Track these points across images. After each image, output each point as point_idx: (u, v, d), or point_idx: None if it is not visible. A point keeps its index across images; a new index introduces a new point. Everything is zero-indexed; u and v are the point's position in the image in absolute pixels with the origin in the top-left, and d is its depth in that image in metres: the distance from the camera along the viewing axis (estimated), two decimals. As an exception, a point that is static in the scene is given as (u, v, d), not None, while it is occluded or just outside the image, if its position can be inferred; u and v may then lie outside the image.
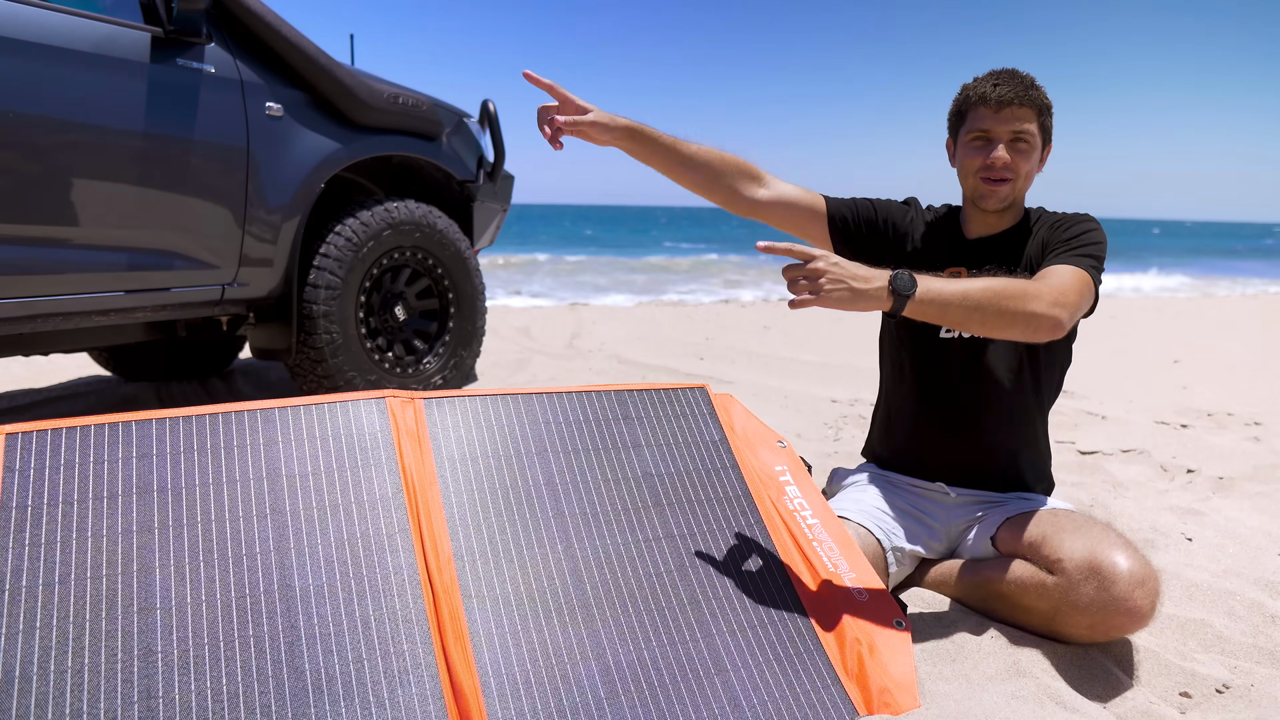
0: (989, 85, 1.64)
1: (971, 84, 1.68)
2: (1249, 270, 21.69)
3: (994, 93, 1.62)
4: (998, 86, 1.63)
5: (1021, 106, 1.62)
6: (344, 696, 1.13)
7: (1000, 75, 1.66)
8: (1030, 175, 1.67)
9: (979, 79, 1.68)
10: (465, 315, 3.47)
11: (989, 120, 1.63)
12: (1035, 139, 1.64)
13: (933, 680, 1.40)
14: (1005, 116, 1.62)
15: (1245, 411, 3.69)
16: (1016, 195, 1.67)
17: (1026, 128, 1.62)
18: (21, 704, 1.03)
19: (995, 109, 1.62)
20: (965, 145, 1.69)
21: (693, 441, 1.65)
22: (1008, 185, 1.65)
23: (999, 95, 1.61)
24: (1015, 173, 1.63)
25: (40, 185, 2.22)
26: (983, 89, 1.64)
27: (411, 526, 1.33)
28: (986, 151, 1.64)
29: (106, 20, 2.35)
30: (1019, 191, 1.67)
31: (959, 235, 1.78)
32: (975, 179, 1.67)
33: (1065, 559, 1.45)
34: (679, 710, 1.23)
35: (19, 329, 2.31)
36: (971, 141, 1.67)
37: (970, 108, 1.67)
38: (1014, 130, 1.62)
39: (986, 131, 1.64)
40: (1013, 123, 1.62)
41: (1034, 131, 1.63)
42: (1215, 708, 1.37)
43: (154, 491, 1.25)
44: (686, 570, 1.43)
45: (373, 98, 3.01)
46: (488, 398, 1.56)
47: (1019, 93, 1.61)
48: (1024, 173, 1.64)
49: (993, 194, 1.66)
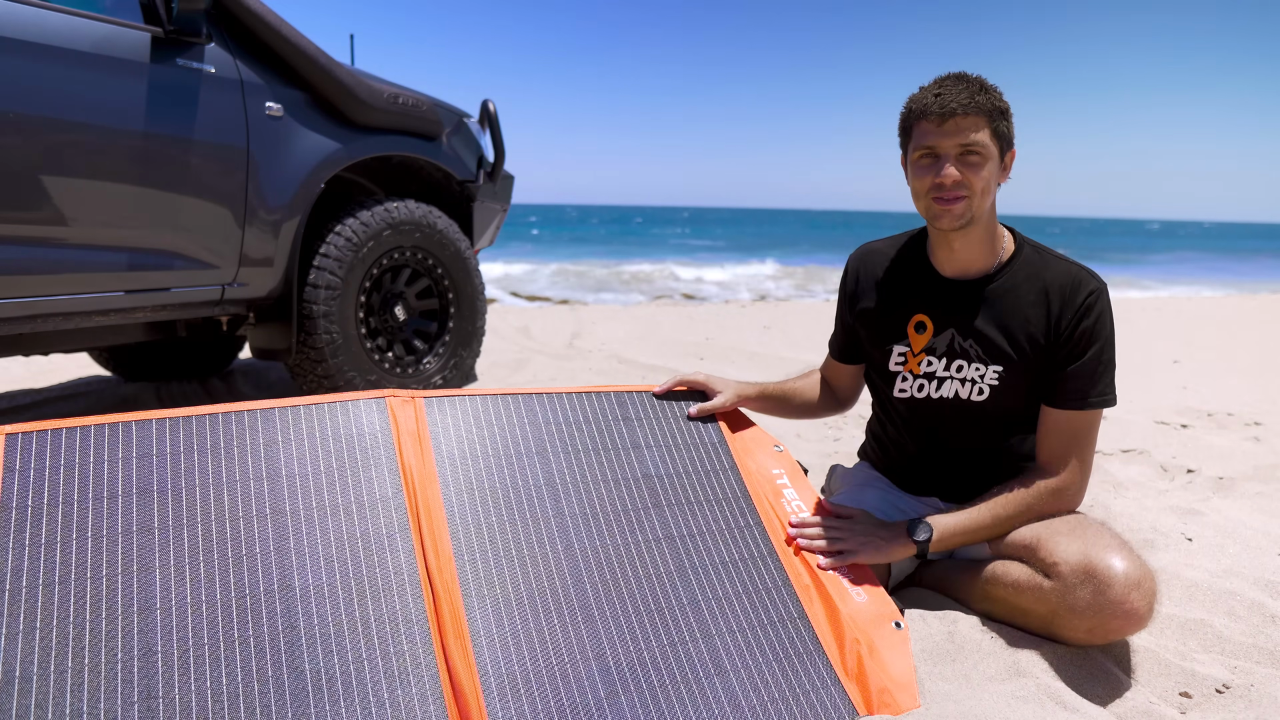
0: (931, 95, 1.49)
1: (915, 95, 1.53)
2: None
3: (936, 104, 1.47)
4: (940, 96, 1.48)
5: (967, 115, 1.46)
6: (344, 696, 1.13)
7: (944, 83, 1.50)
8: (989, 188, 1.52)
9: (923, 89, 1.53)
10: (465, 315, 3.47)
11: (934, 136, 1.49)
12: (988, 148, 1.49)
13: (933, 680, 1.40)
14: (950, 130, 1.47)
15: (1245, 411, 3.69)
16: (975, 211, 1.52)
17: (975, 138, 1.47)
18: (21, 704, 1.03)
19: (939, 122, 1.47)
20: (913, 164, 1.55)
21: (692, 442, 1.65)
22: (962, 203, 1.50)
23: (941, 106, 1.47)
24: (970, 189, 1.49)
25: (40, 185, 2.21)
26: (925, 100, 1.50)
27: (411, 526, 1.33)
28: (935, 169, 1.50)
29: (106, 20, 2.35)
30: (978, 208, 1.52)
31: (929, 271, 1.67)
32: (928, 199, 1.53)
33: (1061, 562, 1.44)
34: (679, 710, 1.23)
35: (19, 329, 2.31)
36: (919, 160, 1.53)
37: (914, 122, 1.53)
38: (961, 144, 1.47)
39: (932, 148, 1.50)
40: (959, 135, 1.47)
41: (984, 142, 1.48)
42: (1215, 708, 1.37)
43: (154, 491, 1.25)
44: (686, 570, 1.43)
45: (373, 98, 3.01)
46: (488, 398, 1.56)
47: (964, 100, 1.46)
48: (980, 188, 1.49)
49: (947, 213, 1.52)
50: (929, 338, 1.65)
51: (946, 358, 1.64)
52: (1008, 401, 1.61)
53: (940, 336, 1.64)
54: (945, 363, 1.64)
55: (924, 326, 1.66)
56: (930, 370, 1.66)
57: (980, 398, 1.62)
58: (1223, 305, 9.76)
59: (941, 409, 1.67)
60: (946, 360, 1.64)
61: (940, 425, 1.69)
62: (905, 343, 1.69)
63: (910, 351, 1.68)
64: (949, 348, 1.63)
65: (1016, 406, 1.62)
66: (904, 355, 1.69)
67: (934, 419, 1.69)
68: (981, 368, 1.61)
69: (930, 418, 1.69)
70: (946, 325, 1.64)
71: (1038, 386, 1.59)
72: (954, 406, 1.65)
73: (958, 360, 1.63)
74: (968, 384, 1.63)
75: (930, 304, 1.66)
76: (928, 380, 1.66)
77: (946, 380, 1.65)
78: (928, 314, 1.66)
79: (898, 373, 1.70)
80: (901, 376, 1.70)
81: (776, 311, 8.16)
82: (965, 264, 1.63)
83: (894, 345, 1.70)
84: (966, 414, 1.65)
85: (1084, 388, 1.54)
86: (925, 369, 1.66)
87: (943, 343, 1.64)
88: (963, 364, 1.62)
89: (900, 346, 1.69)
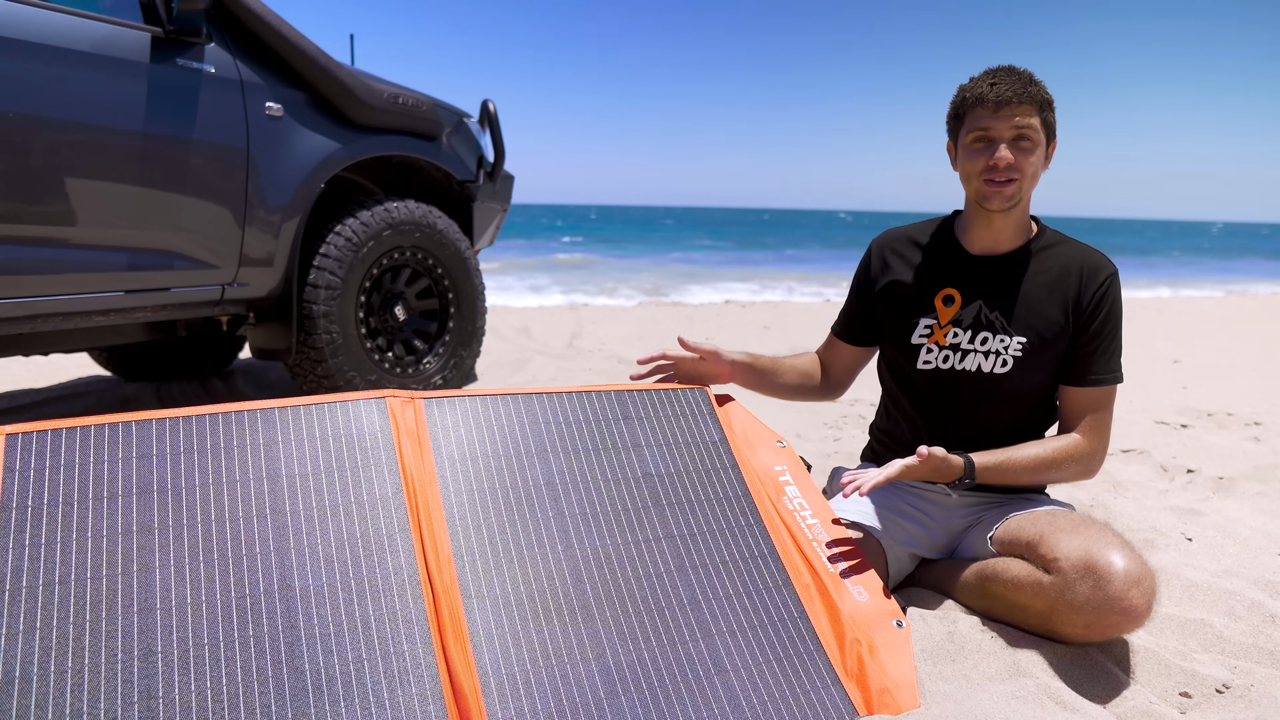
0: (986, 85, 1.60)
1: (968, 84, 1.64)
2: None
3: (991, 92, 1.58)
4: (995, 85, 1.59)
5: (1021, 104, 1.58)
6: (344, 696, 1.13)
7: (997, 73, 1.62)
8: (1036, 174, 1.64)
9: (975, 79, 1.64)
10: (465, 315, 3.47)
11: (988, 120, 1.60)
12: (1038, 135, 1.60)
13: (933, 680, 1.40)
14: (1005, 115, 1.58)
15: (1245, 411, 3.69)
16: (1023, 194, 1.64)
17: (1029, 123, 1.58)
18: (21, 704, 1.03)
19: (994, 109, 1.59)
20: (966, 148, 1.65)
21: (693, 441, 1.65)
22: (1013, 185, 1.61)
23: (997, 94, 1.58)
24: (1020, 172, 1.60)
25: (40, 185, 2.21)
26: (980, 89, 1.61)
27: (411, 526, 1.33)
28: (989, 152, 1.61)
29: (106, 20, 2.35)
30: (1025, 191, 1.63)
31: (958, 250, 1.75)
32: (979, 181, 1.64)
33: (1061, 558, 1.45)
34: (679, 710, 1.23)
35: (19, 329, 2.31)
36: (972, 144, 1.64)
37: (968, 109, 1.64)
38: (1015, 128, 1.58)
39: (987, 131, 1.60)
40: (1013, 120, 1.58)
41: (1036, 128, 1.60)
42: (1215, 708, 1.37)
43: (154, 491, 1.25)
44: (686, 570, 1.43)
45: (373, 98, 3.01)
46: (488, 398, 1.56)
47: (1018, 90, 1.57)
48: (1029, 172, 1.61)
49: (998, 194, 1.62)
50: (956, 310, 1.72)
51: (973, 329, 1.70)
52: (1028, 375, 1.67)
53: (968, 309, 1.71)
54: (971, 334, 1.70)
55: (952, 300, 1.73)
56: (955, 342, 1.71)
57: (1003, 369, 1.68)
58: (1223, 305, 9.76)
59: (962, 383, 1.71)
60: (972, 333, 1.70)
61: (958, 402, 1.73)
62: (932, 315, 1.74)
63: (937, 324, 1.73)
64: (975, 319, 1.70)
65: (1034, 381, 1.69)
66: (930, 327, 1.74)
67: (952, 394, 1.73)
68: (1006, 339, 1.67)
69: (949, 393, 1.73)
70: (974, 297, 1.71)
71: (1056, 362, 1.68)
72: (975, 380, 1.70)
73: (983, 332, 1.69)
74: (991, 356, 1.68)
75: (959, 278, 1.73)
76: (953, 352, 1.71)
77: (971, 353, 1.70)
78: (956, 287, 1.73)
79: (921, 344, 1.74)
80: (926, 349, 1.74)
81: (777, 311, 8.16)
82: (994, 243, 1.72)
83: (920, 318, 1.75)
84: (986, 389, 1.70)
85: (1101, 364, 1.65)
86: (951, 340, 1.71)
87: (969, 314, 1.70)
88: (988, 336, 1.68)
89: (927, 319, 1.74)
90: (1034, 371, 1.68)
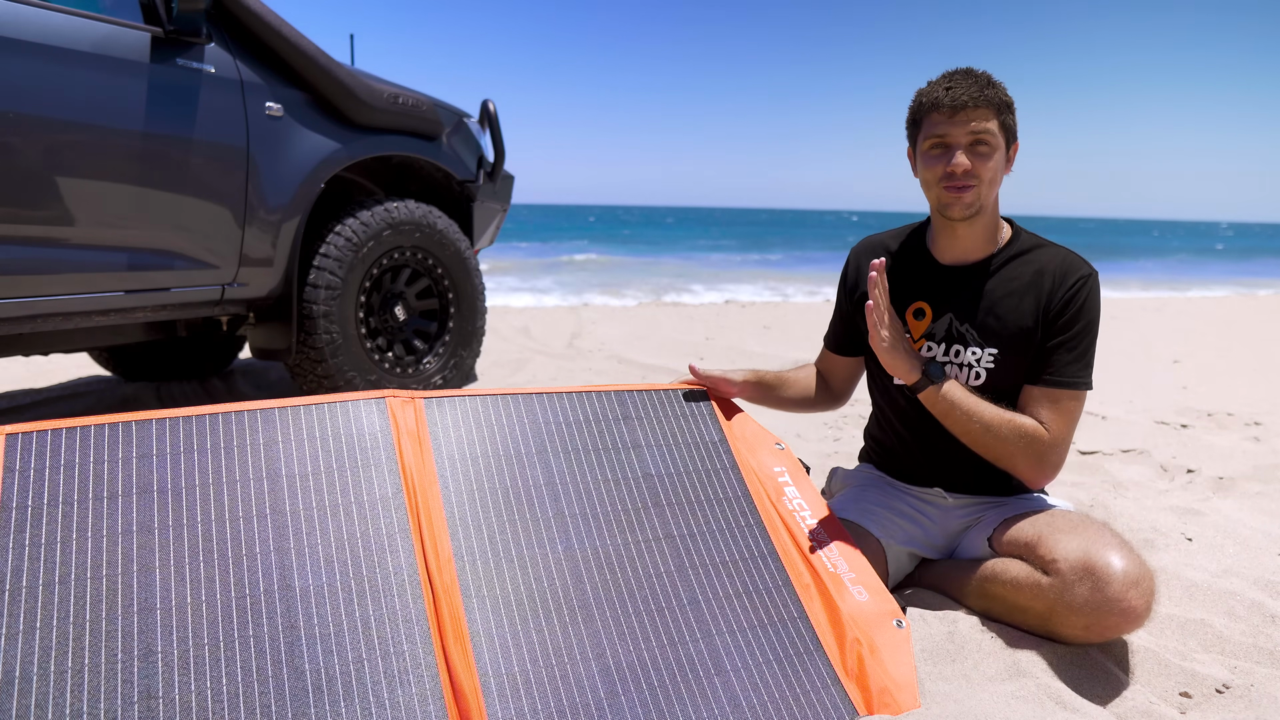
0: (941, 89, 1.56)
1: (924, 89, 1.60)
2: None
3: (947, 96, 1.54)
4: (950, 89, 1.54)
5: (978, 108, 1.53)
6: (344, 696, 1.13)
7: (953, 77, 1.58)
8: (996, 178, 1.59)
9: (932, 83, 1.60)
10: (465, 315, 3.47)
11: (945, 125, 1.55)
12: (996, 139, 1.56)
13: (933, 680, 1.40)
14: (961, 120, 1.54)
15: (1245, 411, 3.69)
16: (983, 200, 1.59)
17: (986, 128, 1.54)
18: (21, 704, 1.03)
19: (950, 114, 1.54)
20: (924, 155, 1.61)
21: (692, 442, 1.65)
22: (972, 191, 1.57)
23: (952, 99, 1.53)
24: (978, 178, 1.56)
25: (41, 185, 2.22)
26: (935, 93, 1.57)
27: (411, 527, 1.33)
28: (946, 158, 1.56)
29: (106, 20, 2.35)
30: (985, 197, 1.58)
31: (927, 260, 1.73)
32: (938, 188, 1.59)
33: (1060, 559, 1.44)
34: (679, 710, 1.23)
35: (19, 329, 2.31)
36: (930, 150, 1.59)
37: (925, 115, 1.59)
38: (972, 133, 1.54)
39: (943, 137, 1.56)
40: (970, 126, 1.54)
41: (994, 132, 1.55)
42: (1215, 708, 1.37)
43: (154, 491, 1.25)
44: (686, 570, 1.43)
45: (373, 98, 3.01)
46: (488, 398, 1.56)
47: (974, 94, 1.53)
48: (987, 177, 1.56)
49: (957, 201, 1.58)
50: (928, 324, 1.70)
51: (945, 343, 1.68)
52: (1004, 384, 1.64)
53: (939, 322, 1.69)
54: (944, 348, 1.68)
55: (923, 313, 1.71)
56: (930, 356, 1.69)
57: (977, 382, 1.65)
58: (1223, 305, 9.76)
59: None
60: (945, 345, 1.68)
61: None
62: (905, 330, 1.71)
63: (910, 338, 1.70)
64: (947, 332, 1.68)
65: (1013, 390, 1.65)
66: None
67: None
68: (978, 351, 1.65)
69: None
70: (944, 311, 1.68)
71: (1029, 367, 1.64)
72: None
73: (955, 345, 1.67)
74: (965, 369, 1.66)
75: (928, 291, 1.71)
76: None
77: (946, 365, 1.68)
78: (926, 301, 1.71)
79: None
80: None
81: (776, 311, 8.16)
82: (964, 251, 1.69)
83: None
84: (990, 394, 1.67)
85: (1062, 365, 1.58)
86: (925, 354, 1.70)
87: (941, 328, 1.68)
88: (960, 348, 1.66)
89: None
90: (1010, 379, 1.63)
